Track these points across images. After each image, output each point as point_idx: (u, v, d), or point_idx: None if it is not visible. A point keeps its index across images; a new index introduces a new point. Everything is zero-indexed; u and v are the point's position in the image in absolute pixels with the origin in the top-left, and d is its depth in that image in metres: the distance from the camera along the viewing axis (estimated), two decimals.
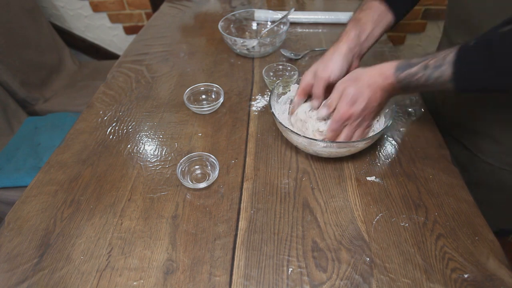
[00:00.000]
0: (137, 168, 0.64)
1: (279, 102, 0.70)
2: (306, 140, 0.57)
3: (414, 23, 1.83)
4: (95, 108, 0.79)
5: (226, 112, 0.76)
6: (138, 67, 0.93)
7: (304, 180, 0.60)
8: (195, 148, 0.67)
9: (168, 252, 0.51)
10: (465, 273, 0.47)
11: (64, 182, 0.62)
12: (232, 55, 0.96)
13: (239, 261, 0.49)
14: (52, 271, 0.49)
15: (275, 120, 0.61)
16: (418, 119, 0.72)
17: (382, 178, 0.60)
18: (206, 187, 0.59)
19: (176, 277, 0.48)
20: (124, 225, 0.55)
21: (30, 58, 1.47)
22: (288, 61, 0.92)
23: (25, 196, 0.60)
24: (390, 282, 0.46)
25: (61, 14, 1.87)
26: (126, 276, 0.48)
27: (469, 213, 0.54)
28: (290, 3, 1.28)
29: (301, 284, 0.46)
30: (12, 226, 0.55)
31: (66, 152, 0.68)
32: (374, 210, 0.55)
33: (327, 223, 0.53)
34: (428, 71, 0.49)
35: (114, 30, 1.96)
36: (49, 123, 1.35)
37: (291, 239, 0.52)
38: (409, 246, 0.50)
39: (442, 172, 0.60)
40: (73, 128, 0.73)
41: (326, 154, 0.60)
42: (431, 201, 0.56)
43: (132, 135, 0.71)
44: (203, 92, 0.80)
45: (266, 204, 0.57)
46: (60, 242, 0.53)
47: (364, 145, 0.58)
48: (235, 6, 1.26)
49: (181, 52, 0.99)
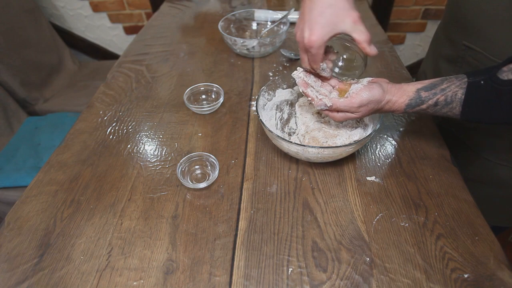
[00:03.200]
0: (137, 168, 0.64)
1: (265, 109, 0.68)
2: (294, 146, 0.56)
3: (414, 23, 1.83)
4: (95, 108, 0.79)
5: (226, 112, 0.76)
6: (138, 67, 0.93)
7: (304, 180, 0.60)
8: (195, 148, 0.67)
9: (168, 252, 0.51)
10: (465, 273, 0.47)
11: (64, 182, 0.62)
12: (232, 55, 0.96)
13: (239, 261, 0.49)
14: (52, 271, 0.49)
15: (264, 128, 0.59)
16: (418, 119, 0.72)
17: (382, 178, 0.60)
18: (206, 187, 0.59)
19: (176, 277, 0.48)
20: (124, 225, 0.55)
21: (30, 58, 1.47)
22: (288, 61, 0.92)
23: (25, 196, 0.60)
24: (390, 282, 0.46)
25: (61, 14, 1.87)
26: (126, 276, 0.48)
27: (469, 213, 0.54)
28: (290, 3, 1.28)
29: (301, 284, 0.46)
30: (12, 226, 0.55)
31: (66, 152, 0.68)
32: (374, 210, 0.55)
33: (327, 223, 0.53)
34: (437, 107, 0.51)
35: (114, 30, 1.96)
36: (49, 123, 1.35)
37: (291, 239, 0.52)
38: (409, 246, 0.50)
39: (442, 172, 0.60)
40: (73, 128, 0.73)
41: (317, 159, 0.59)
42: (431, 201, 0.56)
43: (132, 135, 0.71)
44: (203, 92, 0.80)
45: (266, 204, 0.57)
46: (60, 242, 0.53)
47: (352, 149, 0.57)
48: (235, 6, 1.26)
49: (181, 52, 0.99)
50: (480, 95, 0.47)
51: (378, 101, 0.52)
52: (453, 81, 0.50)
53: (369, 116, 0.63)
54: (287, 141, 0.56)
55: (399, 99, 0.53)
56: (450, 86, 0.49)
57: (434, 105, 0.51)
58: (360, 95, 0.52)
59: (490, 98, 0.46)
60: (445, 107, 0.50)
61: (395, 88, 0.53)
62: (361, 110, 0.53)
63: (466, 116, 0.49)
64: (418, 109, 0.52)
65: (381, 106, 0.53)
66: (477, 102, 0.48)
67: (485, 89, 0.46)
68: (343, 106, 0.53)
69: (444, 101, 0.50)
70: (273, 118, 0.69)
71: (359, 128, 0.64)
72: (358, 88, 0.53)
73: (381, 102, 0.53)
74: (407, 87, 0.53)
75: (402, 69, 0.89)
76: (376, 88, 0.52)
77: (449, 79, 0.50)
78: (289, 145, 0.56)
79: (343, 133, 0.64)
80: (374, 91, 0.52)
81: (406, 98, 0.52)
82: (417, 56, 1.97)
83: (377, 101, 0.52)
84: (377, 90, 0.52)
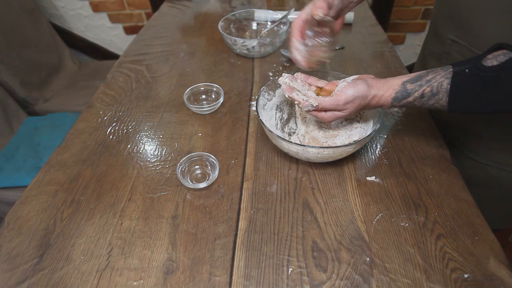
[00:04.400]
0: (137, 168, 0.64)
1: (265, 109, 0.68)
2: (294, 146, 0.56)
3: (414, 23, 1.83)
4: (95, 108, 0.79)
5: (226, 112, 0.76)
6: (138, 67, 0.93)
7: (304, 180, 0.60)
8: (195, 148, 0.67)
9: (168, 252, 0.51)
10: (465, 273, 0.47)
11: (64, 182, 0.62)
12: (232, 55, 0.96)
13: (239, 261, 0.49)
14: (52, 271, 0.49)
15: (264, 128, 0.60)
16: (418, 119, 0.72)
17: (382, 178, 0.60)
18: (206, 187, 0.59)
19: (176, 277, 0.48)
20: (124, 225, 0.55)
21: (30, 58, 1.47)
22: (288, 61, 0.92)
23: (25, 196, 0.60)
24: (390, 282, 0.46)
25: (61, 14, 1.87)
26: (126, 276, 0.48)
27: (469, 213, 0.54)
28: (290, 3, 1.28)
29: (301, 284, 0.46)
30: (12, 226, 0.55)
31: (66, 152, 0.68)
32: (374, 210, 0.55)
33: (327, 223, 0.53)
34: (424, 99, 0.51)
35: (114, 30, 1.96)
36: (49, 123, 1.35)
37: (291, 239, 0.52)
38: (409, 246, 0.50)
39: (442, 172, 0.60)
40: (73, 128, 0.73)
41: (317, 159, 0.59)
42: (431, 201, 0.56)
43: (132, 135, 0.71)
44: (203, 92, 0.80)
45: (266, 204, 0.57)
46: (60, 242, 0.53)
47: (352, 149, 0.57)
48: (235, 6, 1.26)
49: (181, 52, 0.99)
50: (465, 83, 0.47)
51: (363, 97, 0.53)
52: (438, 72, 0.49)
53: (369, 116, 0.63)
54: (287, 141, 0.56)
55: (385, 93, 0.53)
56: (436, 77, 0.49)
57: (421, 97, 0.51)
58: (345, 92, 0.52)
59: (475, 86, 0.46)
60: (432, 99, 0.50)
61: (380, 83, 0.53)
62: (348, 107, 0.53)
63: (453, 106, 0.49)
64: (405, 102, 0.52)
65: (367, 102, 0.53)
66: (463, 91, 0.47)
67: (470, 77, 0.46)
68: (329, 105, 0.53)
69: (430, 92, 0.50)
70: (273, 118, 0.69)
71: (359, 128, 0.64)
72: (343, 85, 0.54)
73: (367, 97, 0.53)
74: (393, 81, 0.53)
75: (402, 69, 0.89)
76: (361, 84, 0.53)
77: (435, 70, 0.50)
78: (289, 145, 0.56)
79: (343, 133, 0.64)
80: (358, 87, 0.52)
81: (392, 91, 0.52)
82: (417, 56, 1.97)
83: (363, 96, 0.52)
84: (362, 86, 0.52)
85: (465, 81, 0.47)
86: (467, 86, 0.47)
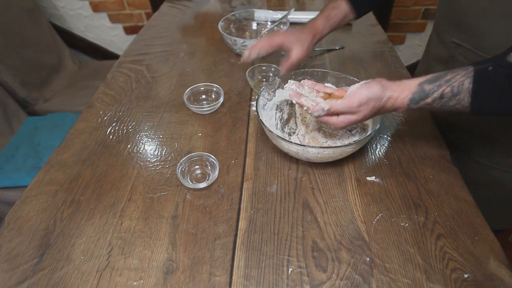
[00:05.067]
0: (137, 168, 0.64)
1: (265, 109, 0.68)
2: (294, 146, 0.56)
3: (414, 23, 1.83)
4: (95, 108, 0.79)
5: (226, 112, 0.76)
6: (138, 67, 0.93)
7: (304, 180, 0.60)
8: (195, 148, 0.67)
9: (168, 252, 0.51)
10: (465, 273, 0.47)
11: (64, 182, 0.62)
12: (232, 55, 0.96)
13: (239, 261, 0.49)
14: (52, 271, 0.49)
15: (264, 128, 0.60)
16: (418, 119, 0.72)
17: (382, 178, 0.60)
18: (206, 187, 0.59)
19: (176, 277, 0.48)
20: (124, 225, 0.54)
21: (30, 58, 1.47)
22: None
23: (25, 196, 0.60)
24: (390, 282, 0.46)
25: (61, 14, 1.87)
26: (126, 276, 0.48)
27: (469, 213, 0.54)
28: (290, 3, 1.28)
29: (301, 284, 0.46)
30: (12, 226, 0.55)
31: (66, 152, 0.68)
32: (374, 210, 0.55)
33: (327, 223, 0.53)
34: (443, 100, 0.48)
35: (114, 30, 1.96)
36: (49, 123, 1.35)
37: (291, 239, 0.52)
38: (409, 246, 0.50)
39: (442, 172, 0.60)
40: (73, 128, 0.73)
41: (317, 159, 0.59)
42: (431, 201, 0.56)
43: (132, 135, 0.71)
44: (203, 92, 0.80)
45: (266, 204, 0.57)
46: (60, 242, 0.53)
47: (352, 149, 0.57)
48: (235, 6, 1.26)
49: (181, 52, 0.99)
50: (489, 82, 0.44)
51: (378, 98, 0.50)
52: (458, 72, 0.47)
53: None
54: (287, 141, 0.56)
55: (400, 95, 0.50)
56: (456, 77, 0.46)
57: (440, 97, 0.47)
58: (359, 93, 0.50)
59: (500, 85, 0.43)
60: (453, 99, 0.47)
61: (395, 85, 0.51)
62: (362, 109, 0.50)
63: (477, 107, 0.45)
64: (423, 103, 0.49)
65: (382, 104, 0.51)
66: (488, 90, 0.44)
67: (494, 75, 0.43)
68: (342, 107, 0.51)
69: (450, 92, 0.46)
70: (273, 118, 0.69)
71: (359, 128, 0.64)
72: (356, 87, 0.51)
73: (382, 99, 0.50)
74: (408, 82, 0.50)
75: (402, 69, 0.89)
76: (375, 85, 0.50)
77: (454, 70, 0.47)
78: (289, 145, 0.56)
79: (343, 133, 0.64)
80: (372, 88, 0.50)
81: (409, 92, 0.49)
82: (417, 56, 1.97)
83: (377, 98, 0.50)
84: (376, 87, 0.50)
85: (488, 79, 0.44)
86: (491, 85, 0.44)
